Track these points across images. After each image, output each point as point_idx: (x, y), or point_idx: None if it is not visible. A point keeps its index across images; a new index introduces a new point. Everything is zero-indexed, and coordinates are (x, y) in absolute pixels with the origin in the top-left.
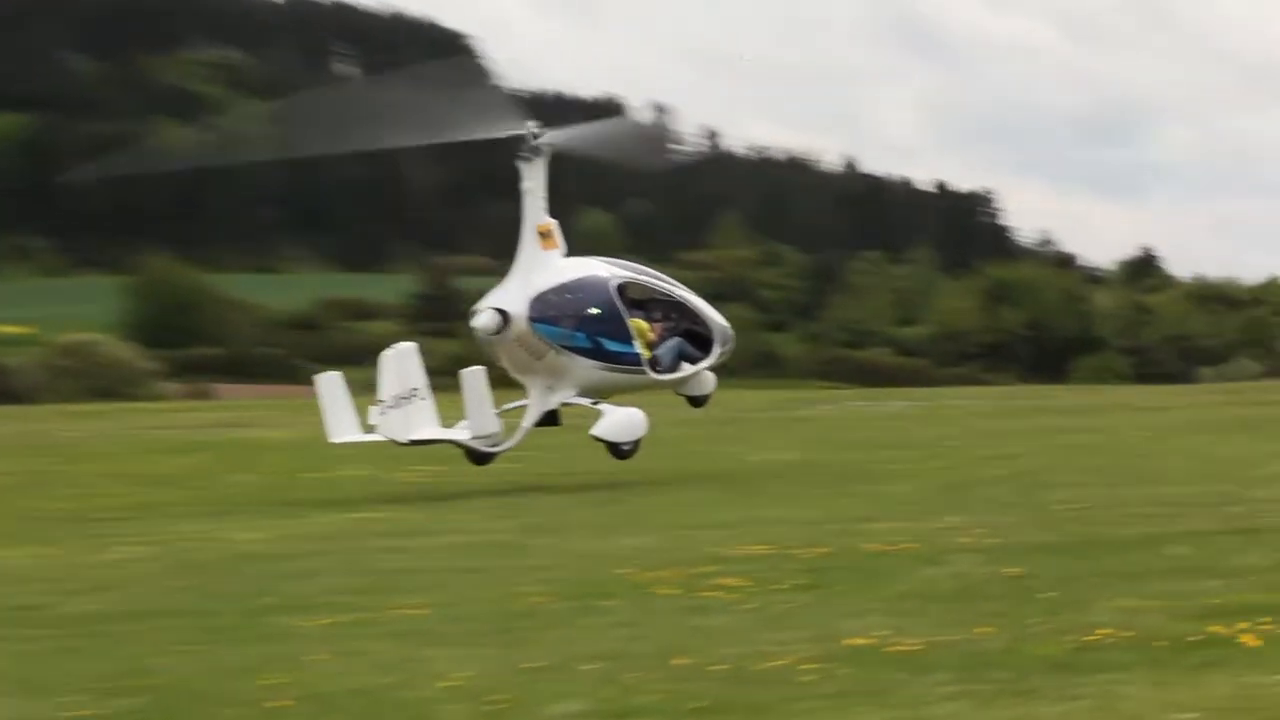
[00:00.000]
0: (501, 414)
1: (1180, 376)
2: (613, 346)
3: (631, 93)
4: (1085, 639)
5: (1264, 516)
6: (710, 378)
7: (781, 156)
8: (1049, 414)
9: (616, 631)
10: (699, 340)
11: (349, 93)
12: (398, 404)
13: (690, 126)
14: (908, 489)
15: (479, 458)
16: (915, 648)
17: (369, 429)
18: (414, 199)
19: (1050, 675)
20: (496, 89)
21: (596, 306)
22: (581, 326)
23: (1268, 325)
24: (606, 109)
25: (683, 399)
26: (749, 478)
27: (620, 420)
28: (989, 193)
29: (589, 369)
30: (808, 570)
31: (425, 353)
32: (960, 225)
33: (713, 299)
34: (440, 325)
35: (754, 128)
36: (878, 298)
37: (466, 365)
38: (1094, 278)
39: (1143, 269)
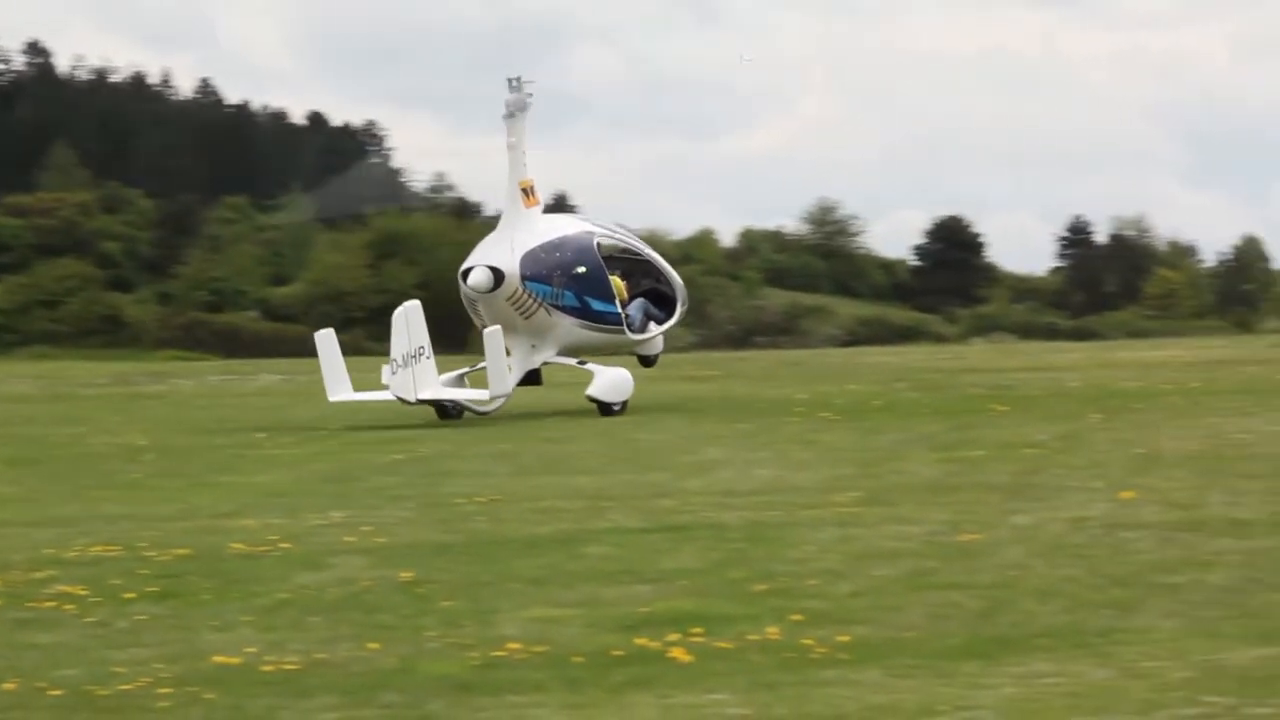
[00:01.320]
0: (474, 373)
1: None
2: (598, 306)
3: None
4: (491, 655)
5: (697, 511)
6: (660, 336)
7: (123, 79)
8: None
9: None
10: (661, 299)
11: None
12: (407, 363)
13: (8, 39)
14: (281, 479)
15: (450, 413)
16: (292, 667)
17: (374, 387)
18: None
19: (450, 697)
20: None
21: (583, 265)
22: (570, 285)
23: (700, 287)
24: None
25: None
26: (87, 465)
27: (612, 380)
28: (375, 128)
29: (574, 328)
30: (162, 575)
31: None
32: (341, 166)
33: (44, 252)
34: None
35: (88, 42)
36: (244, 252)
37: None
38: None
39: None
